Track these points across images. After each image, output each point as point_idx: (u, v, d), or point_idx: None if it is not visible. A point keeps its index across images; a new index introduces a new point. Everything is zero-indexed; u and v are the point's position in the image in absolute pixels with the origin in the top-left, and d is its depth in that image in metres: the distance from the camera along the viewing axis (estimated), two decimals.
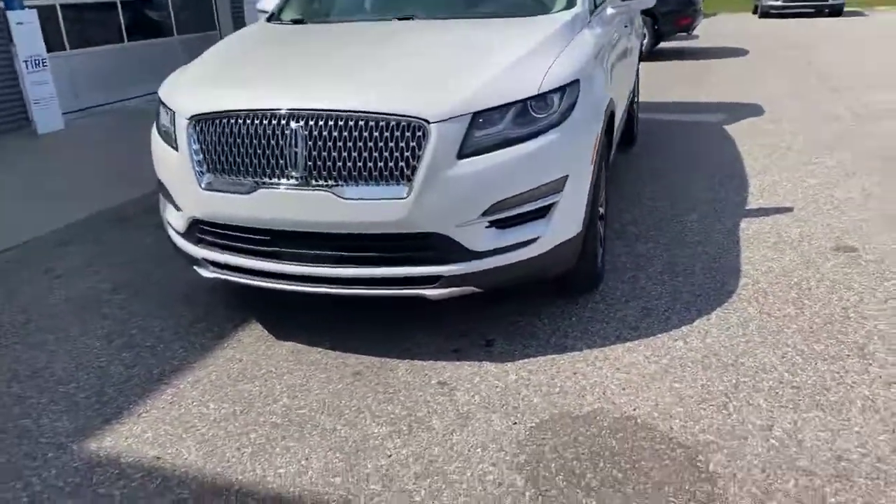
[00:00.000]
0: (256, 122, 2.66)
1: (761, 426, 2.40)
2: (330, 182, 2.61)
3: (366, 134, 2.56)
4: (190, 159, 2.79)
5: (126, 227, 4.65)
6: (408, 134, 2.54)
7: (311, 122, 2.59)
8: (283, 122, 2.62)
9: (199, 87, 3.00)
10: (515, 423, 2.48)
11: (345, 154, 2.58)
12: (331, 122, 2.58)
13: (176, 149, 2.89)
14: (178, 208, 2.98)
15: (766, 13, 20.18)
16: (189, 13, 11.04)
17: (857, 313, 3.10)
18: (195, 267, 3.04)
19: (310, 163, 2.61)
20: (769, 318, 3.10)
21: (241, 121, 2.69)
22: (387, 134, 2.55)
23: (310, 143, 2.60)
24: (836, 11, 19.65)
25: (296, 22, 3.80)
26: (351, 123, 2.57)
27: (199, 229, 2.92)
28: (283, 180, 2.66)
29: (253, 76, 3.04)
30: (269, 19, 3.94)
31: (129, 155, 6.34)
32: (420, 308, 3.21)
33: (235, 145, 2.70)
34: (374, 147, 2.56)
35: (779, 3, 19.77)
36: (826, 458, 2.23)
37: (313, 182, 2.62)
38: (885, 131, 6.20)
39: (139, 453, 2.42)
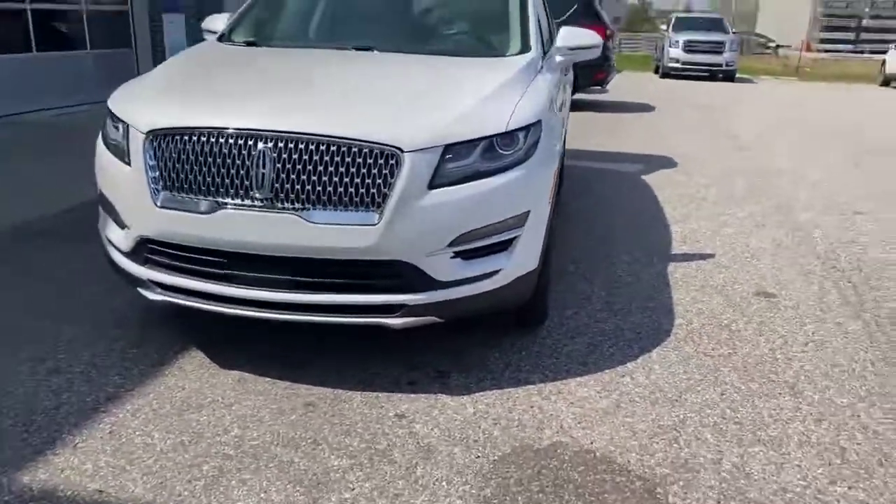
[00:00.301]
0: (221, 140, 2.58)
1: (711, 459, 2.50)
2: (297, 205, 2.56)
3: (337, 158, 2.54)
4: (144, 175, 2.67)
5: (39, 245, 4.35)
6: (381, 161, 2.54)
7: (281, 144, 2.55)
8: (251, 142, 2.56)
9: (158, 101, 2.89)
10: (478, 456, 2.47)
11: (314, 177, 2.54)
12: (301, 145, 2.54)
13: (128, 164, 2.76)
14: (123, 226, 2.83)
15: (666, 73, 21.53)
16: (104, 27, 10.61)
17: (784, 354, 3.31)
18: (139, 288, 2.88)
19: (276, 185, 2.55)
20: (706, 356, 3.26)
21: (203, 138, 2.60)
22: (359, 160, 2.54)
23: (278, 165, 2.55)
24: (730, 76, 21.26)
25: (249, 44, 3.74)
26: (323, 147, 2.54)
27: (147, 249, 2.78)
28: (247, 201, 2.58)
29: (216, 93, 2.96)
30: (219, 39, 3.85)
31: (34, 168, 5.97)
32: (369, 338, 3.18)
33: (197, 163, 2.61)
34: (345, 172, 2.54)
35: (678, 64, 21.17)
36: (773, 490, 2.35)
37: (279, 204, 2.57)
38: (785, 189, 6.72)
39: (78, 486, 2.24)
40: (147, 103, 2.87)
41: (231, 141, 2.58)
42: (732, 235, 5.14)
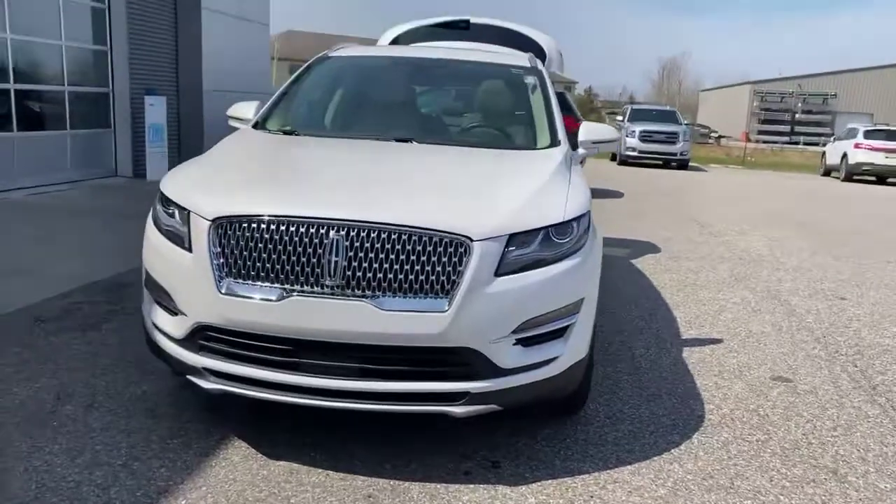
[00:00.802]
0: (291, 228, 2.61)
1: None
2: (367, 292, 2.58)
3: (409, 247, 2.58)
4: (209, 262, 2.66)
5: (46, 331, 4.22)
6: (450, 250, 2.60)
7: (353, 233, 2.59)
8: (322, 230, 2.59)
9: (220, 188, 2.91)
10: None
11: (386, 265, 2.58)
12: (374, 234, 2.59)
13: (189, 250, 2.75)
14: (177, 312, 2.80)
15: (623, 161, 22.43)
16: (85, 108, 10.61)
17: (816, 439, 3.39)
18: (190, 377, 2.82)
19: (348, 272, 2.58)
20: (744, 441, 3.31)
21: (273, 226, 2.63)
22: (430, 248, 2.59)
23: (350, 253, 2.58)
24: (683, 164, 22.32)
25: (286, 133, 3.82)
26: (395, 236, 2.59)
27: (204, 336, 2.74)
28: (317, 288, 2.59)
29: (280, 182, 3.00)
30: (255, 127, 3.92)
31: (22, 249, 5.83)
32: (412, 425, 3.14)
33: (265, 251, 2.62)
34: (416, 260, 2.58)
35: (635, 153, 22.12)
36: None
37: (349, 291, 2.58)
38: (769, 275, 6.99)
39: None
40: (209, 190, 2.89)
41: (302, 229, 2.60)
42: (732, 321, 5.30)
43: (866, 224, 11.30)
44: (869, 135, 21.71)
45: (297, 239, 2.60)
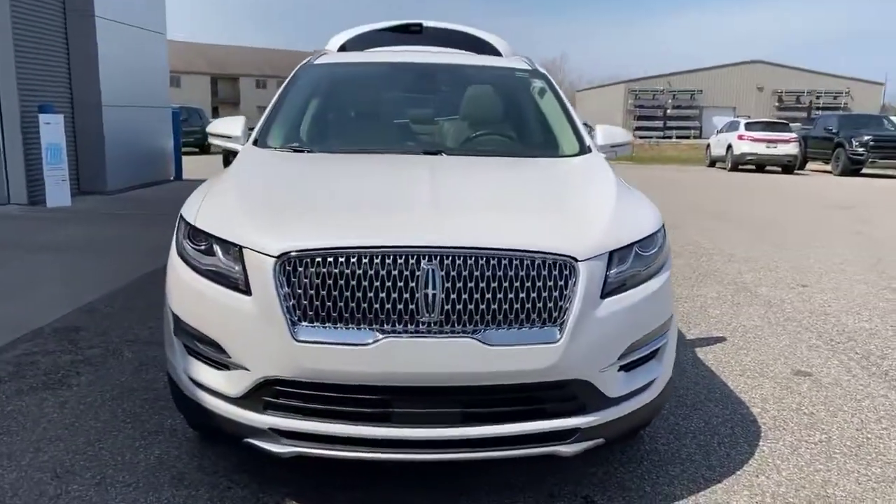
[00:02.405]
0: (376, 260, 2.26)
1: None
2: (469, 327, 2.28)
3: (511, 273, 2.30)
4: (279, 306, 2.26)
5: (5, 393, 3.60)
6: (555, 273, 2.34)
7: (448, 261, 2.28)
8: (412, 260, 2.27)
9: (275, 218, 2.50)
10: None
11: (488, 295, 2.28)
12: (470, 261, 2.29)
13: (246, 293, 2.34)
14: (230, 367, 2.38)
15: None
16: None
17: (872, 433, 3.38)
18: (253, 440, 2.40)
19: (447, 306, 2.26)
20: (810, 444, 3.25)
21: (353, 259, 2.27)
22: (533, 273, 2.32)
23: (447, 284, 2.27)
24: None
25: (297, 150, 3.41)
26: (494, 262, 2.30)
27: (272, 392, 2.33)
28: (411, 326, 2.26)
29: (345, 208, 2.61)
30: (255, 144, 3.47)
31: None
32: (481, 469, 2.86)
33: (348, 288, 2.26)
34: (520, 287, 2.31)
35: None
36: None
37: (450, 328, 2.27)
38: (724, 265, 7.15)
39: None
40: (261, 222, 2.47)
41: (389, 260, 2.26)
42: (721, 317, 5.32)
43: (777, 213, 11.92)
44: (750, 126, 23.18)
45: (383, 273, 2.26)
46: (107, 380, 3.79)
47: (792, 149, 22.27)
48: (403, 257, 2.27)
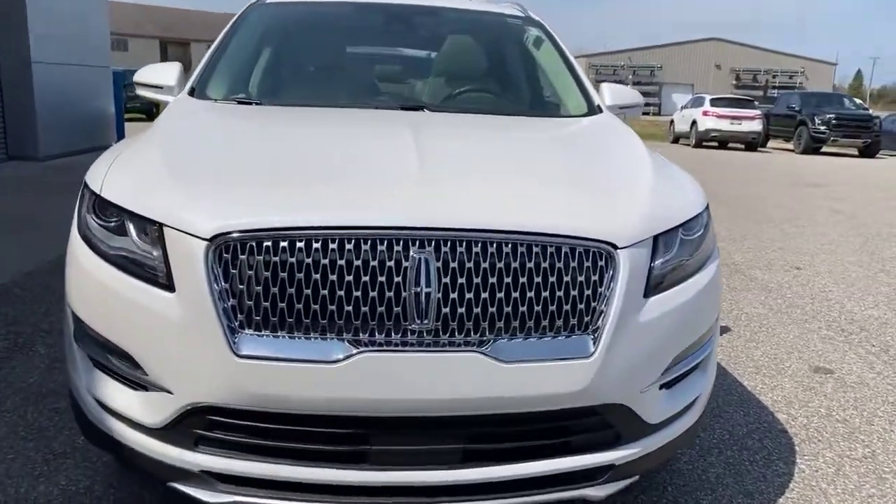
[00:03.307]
0: (348, 246, 1.64)
1: None
2: (476, 337, 1.68)
3: (531, 264, 1.71)
4: (212, 307, 1.63)
5: None
6: (587, 264, 1.75)
7: (446, 248, 1.67)
8: (398, 246, 1.65)
9: (209, 187, 1.85)
10: None
11: (500, 295, 1.69)
12: (475, 248, 1.68)
13: (168, 288, 1.70)
14: (151, 388, 1.74)
15: None
16: None
17: None
18: (178, 485, 1.78)
19: (445, 309, 1.66)
20: (853, 461, 2.77)
21: (316, 244, 1.64)
22: (560, 264, 1.73)
23: (445, 279, 1.66)
24: None
25: (243, 102, 2.73)
26: (508, 249, 1.70)
27: (203, 422, 1.71)
28: (397, 336, 1.66)
29: (305, 175, 1.95)
30: (192, 94, 2.78)
31: None
32: None
33: (308, 284, 1.64)
34: (542, 283, 1.71)
35: None
36: None
37: (448, 338, 1.67)
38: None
39: None
40: (191, 191, 1.82)
41: (366, 246, 1.65)
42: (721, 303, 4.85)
43: (749, 190, 11.58)
44: (715, 103, 22.92)
45: (358, 263, 1.64)
46: (9, 382, 3.11)
47: (756, 126, 22.13)
48: (385, 242, 1.65)
